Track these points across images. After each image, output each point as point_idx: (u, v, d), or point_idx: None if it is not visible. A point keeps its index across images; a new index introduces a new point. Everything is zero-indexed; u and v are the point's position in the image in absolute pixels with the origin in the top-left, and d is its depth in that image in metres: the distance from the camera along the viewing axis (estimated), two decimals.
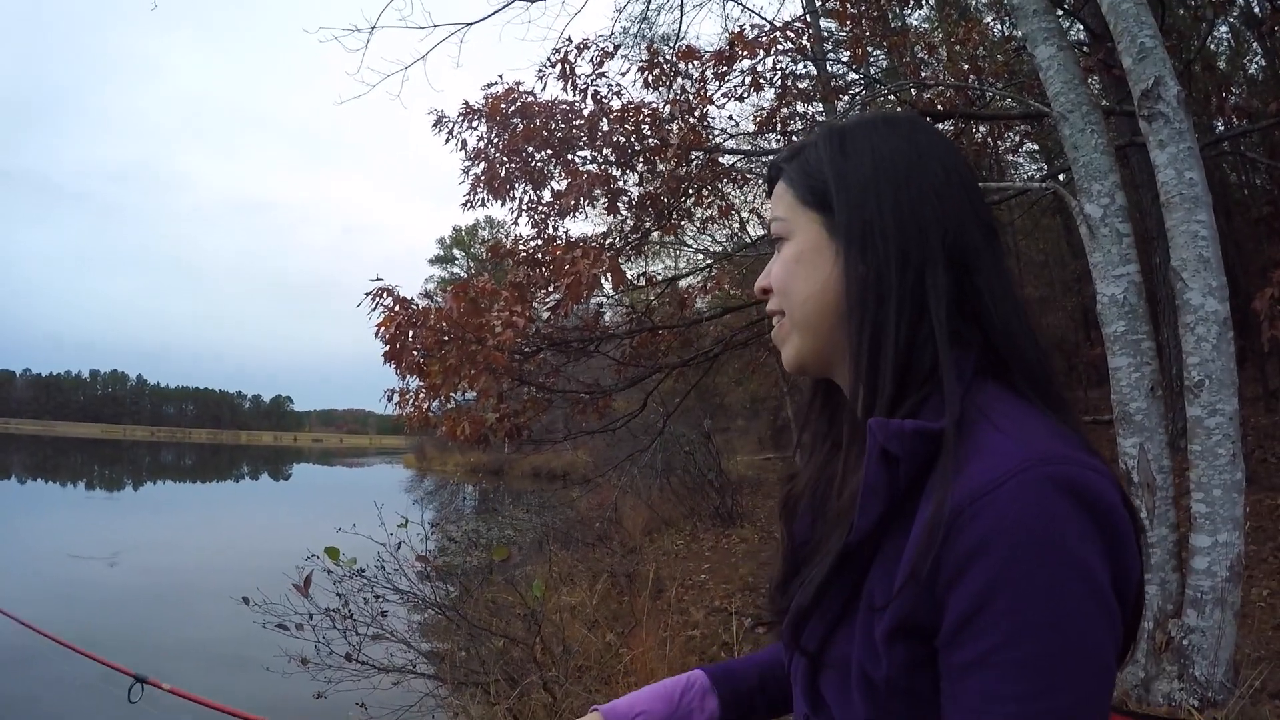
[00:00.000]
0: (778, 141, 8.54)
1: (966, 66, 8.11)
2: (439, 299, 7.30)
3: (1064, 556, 0.71)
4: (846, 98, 8.69)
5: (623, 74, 7.75)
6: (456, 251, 60.73)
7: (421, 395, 7.09)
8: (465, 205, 8.59)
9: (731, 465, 20.22)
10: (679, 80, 7.95)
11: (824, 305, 0.92)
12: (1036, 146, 12.09)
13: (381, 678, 5.25)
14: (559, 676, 5.01)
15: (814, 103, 8.57)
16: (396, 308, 6.77)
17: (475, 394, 6.88)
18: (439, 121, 8.13)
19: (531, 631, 5.31)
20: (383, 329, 6.54)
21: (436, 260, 62.24)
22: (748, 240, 11.71)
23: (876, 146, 0.92)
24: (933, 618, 0.76)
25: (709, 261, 11.22)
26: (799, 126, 8.27)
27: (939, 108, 7.68)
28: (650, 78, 7.99)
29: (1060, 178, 7.39)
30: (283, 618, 5.12)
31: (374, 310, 6.79)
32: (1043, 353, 0.88)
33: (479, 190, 8.41)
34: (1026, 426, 0.79)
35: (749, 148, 9.32)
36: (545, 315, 7.50)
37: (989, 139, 9.40)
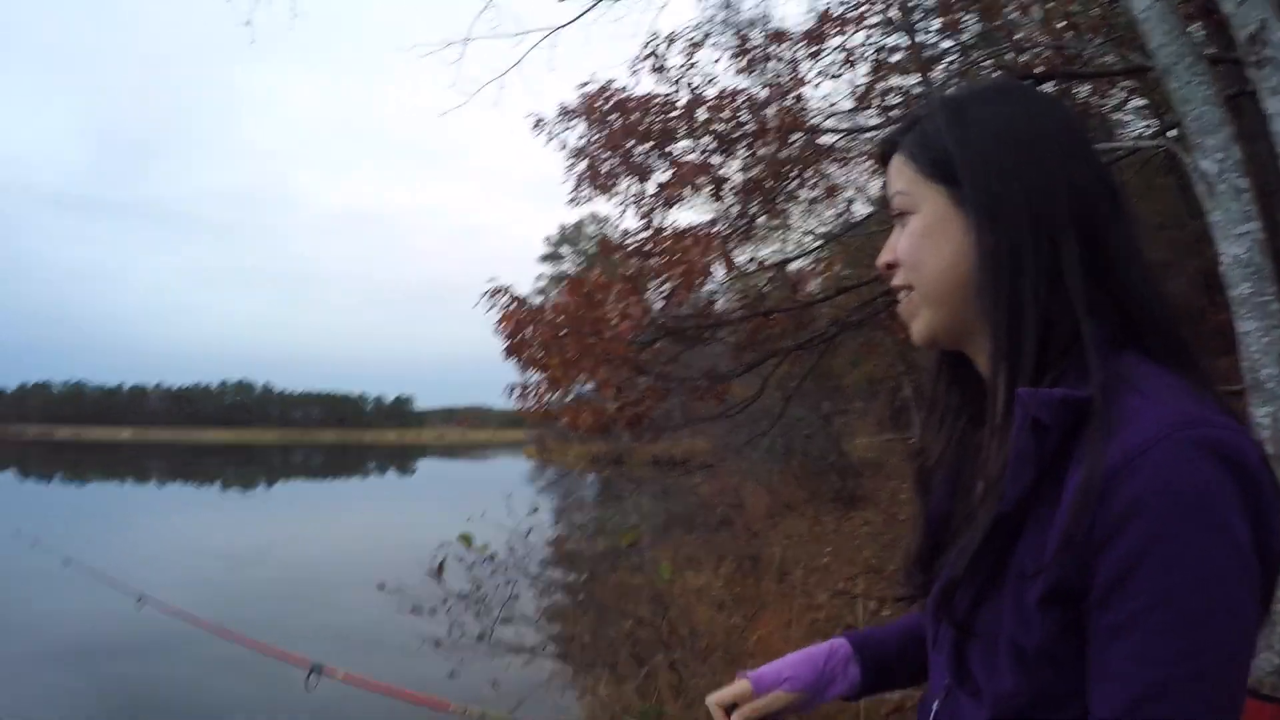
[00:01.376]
0: (876, 118, 8.45)
1: (1063, 24, 7.88)
2: (553, 295, 7.46)
3: (1211, 519, 0.73)
4: (941, 67, 8.56)
5: (714, 62, 7.80)
6: (564, 248, 61.26)
7: (543, 388, 7.26)
8: (571, 202, 8.71)
9: (851, 448, 20.02)
10: (770, 64, 7.93)
11: (956, 278, 0.93)
12: (1145, 102, 11.67)
13: (512, 658, 5.47)
14: (685, 657, 5.11)
15: (910, 75, 8.44)
16: (514, 305, 6.97)
17: (595, 385, 7.03)
18: (538, 124, 8.27)
19: (659, 613, 5.43)
20: (503, 326, 6.75)
21: (546, 258, 62.93)
22: (854, 220, 11.61)
23: (994, 116, 0.93)
24: (1083, 581, 0.78)
25: (819, 243, 11.12)
26: (897, 100, 8.17)
27: (1038, 70, 7.51)
28: (743, 64, 7.99)
29: (1172, 134, 7.16)
30: (417, 602, 5.39)
31: (491, 309, 7.00)
32: (1175, 317, 0.89)
33: (583, 187, 8.53)
34: (1167, 391, 0.81)
35: (848, 126, 9.24)
36: (660, 305, 7.58)
37: (1093, 98, 9.11)
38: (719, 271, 6.93)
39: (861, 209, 11.87)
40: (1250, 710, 0.98)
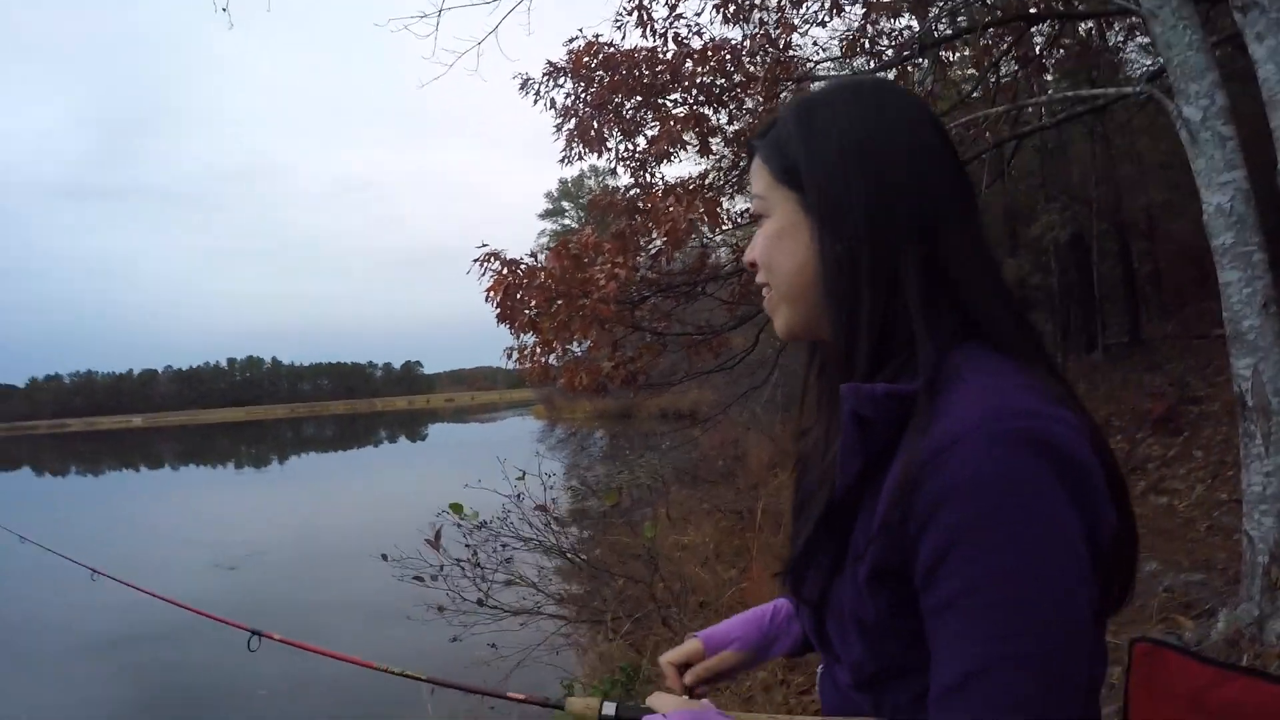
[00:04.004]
0: (868, 63, 8.35)
1: None
2: (542, 257, 7.39)
3: (1020, 506, 0.76)
4: (936, 7, 8.43)
5: (698, 14, 7.58)
6: (565, 204, 61.02)
7: (538, 351, 7.29)
8: (562, 161, 8.65)
9: None
10: (756, 13, 7.81)
11: (805, 280, 0.95)
12: (1149, 40, 11.45)
13: (511, 619, 5.62)
14: (677, 612, 5.21)
15: (902, 16, 8.31)
16: (504, 270, 6.97)
17: (586, 345, 7.06)
18: (525, 84, 8.18)
19: (650, 570, 5.52)
20: (492, 293, 6.76)
21: (547, 214, 62.67)
22: None
23: (841, 122, 0.93)
24: (904, 563, 0.82)
25: None
26: (888, 44, 8.08)
27: (1033, 10, 7.41)
28: (728, 13, 7.86)
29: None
30: (418, 570, 5.52)
31: (483, 275, 7.01)
32: (1016, 310, 0.91)
33: (574, 145, 8.46)
34: (995, 383, 0.83)
35: (845, 72, 9.12)
36: (650, 263, 7.56)
37: (1093, 35, 8.99)
38: (705, 227, 6.89)
39: None
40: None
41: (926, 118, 0.96)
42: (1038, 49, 8.60)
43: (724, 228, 8.02)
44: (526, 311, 6.96)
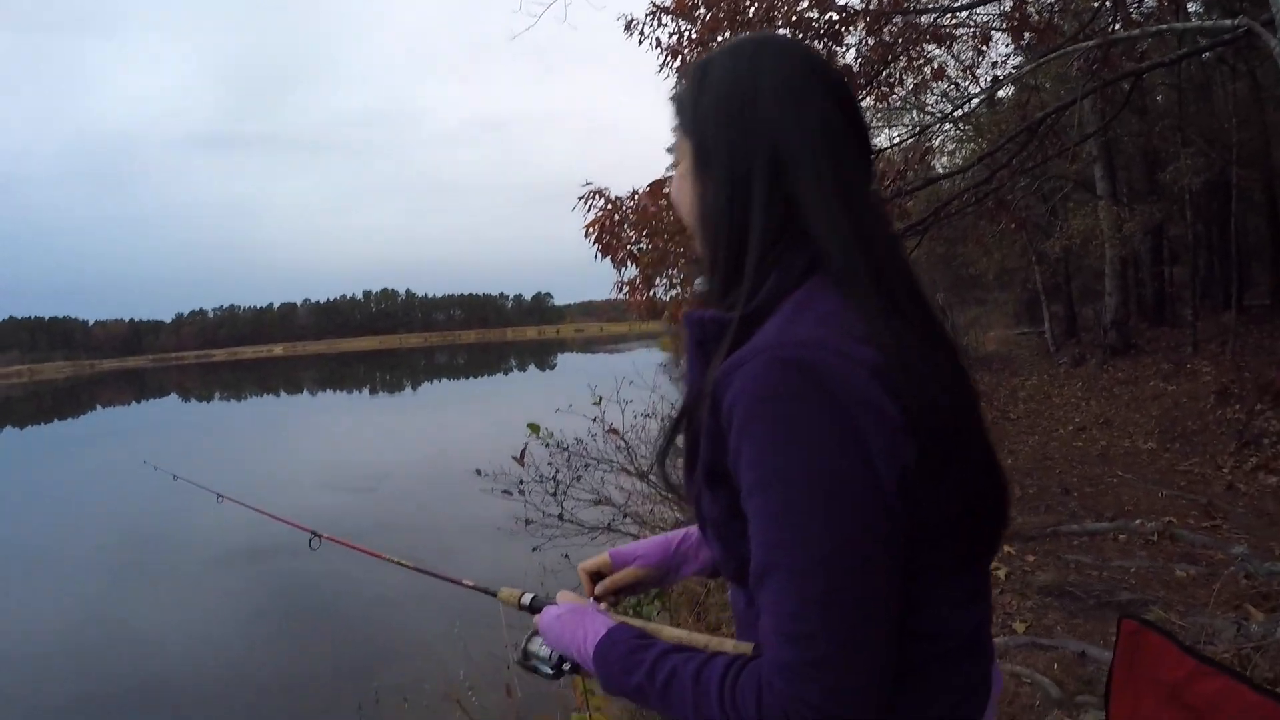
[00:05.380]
0: None
1: None
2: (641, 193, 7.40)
3: (781, 423, 0.85)
4: None
5: None
6: None
7: (638, 284, 7.49)
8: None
9: (982, 341, 19.18)
10: None
11: (693, 215, 1.09)
12: None
13: (586, 535, 5.99)
14: None
15: None
16: (608, 207, 7.17)
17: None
18: (629, 25, 8.16)
19: None
20: (591, 229, 6.99)
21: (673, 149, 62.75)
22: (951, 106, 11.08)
23: (719, 78, 1.04)
24: (725, 465, 0.91)
25: (917, 130, 10.74)
26: None
27: None
28: None
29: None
30: (508, 486, 5.99)
31: (588, 211, 7.23)
32: (859, 248, 0.95)
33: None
34: (797, 315, 0.91)
35: (957, 4, 8.85)
36: None
37: None
38: None
39: (973, 88, 11.47)
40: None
41: (800, 63, 1.04)
42: None
43: None
44: (629, 246, 7.15)
